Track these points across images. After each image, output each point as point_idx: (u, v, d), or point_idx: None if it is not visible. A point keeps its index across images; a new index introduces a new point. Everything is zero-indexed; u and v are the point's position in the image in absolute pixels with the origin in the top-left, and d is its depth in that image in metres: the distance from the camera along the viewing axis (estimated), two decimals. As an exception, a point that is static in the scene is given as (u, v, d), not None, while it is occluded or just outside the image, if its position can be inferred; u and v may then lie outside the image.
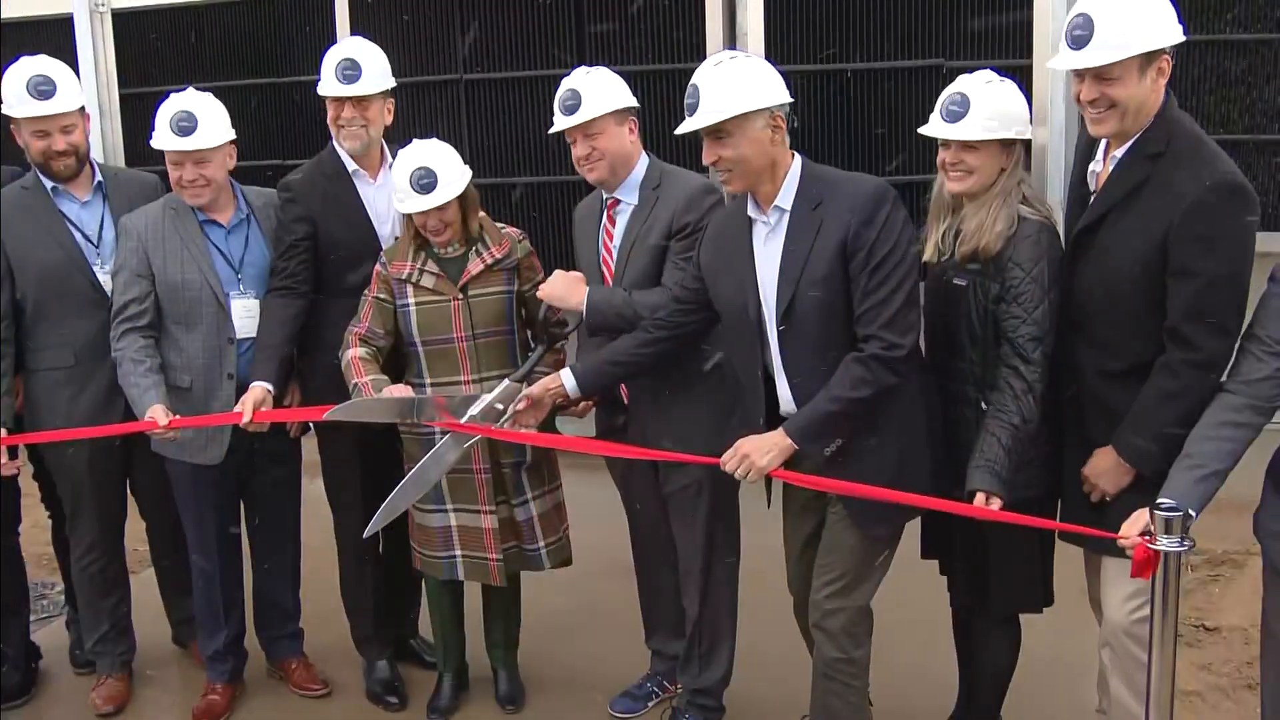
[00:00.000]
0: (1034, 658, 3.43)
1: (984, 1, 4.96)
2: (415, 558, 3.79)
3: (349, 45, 3.79)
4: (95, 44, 6.72)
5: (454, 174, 3.47)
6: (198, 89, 3.72)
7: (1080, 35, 2.69)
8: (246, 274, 3.72)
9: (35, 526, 4.49)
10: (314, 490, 4.08)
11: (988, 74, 3.04)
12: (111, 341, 3.64)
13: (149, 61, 6.63)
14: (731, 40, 5.47)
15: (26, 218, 3.75)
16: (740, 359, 3.17)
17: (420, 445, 3.58)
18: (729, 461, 3.00)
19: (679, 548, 3.64)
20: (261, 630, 4.14)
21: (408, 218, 3.55)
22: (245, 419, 3.48)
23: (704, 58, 5.34)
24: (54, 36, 6.53)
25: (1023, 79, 4.75)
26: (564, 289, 3.45)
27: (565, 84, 3.45)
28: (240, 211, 3.78)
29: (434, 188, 3.42)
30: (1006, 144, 2.99)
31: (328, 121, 3.78)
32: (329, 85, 3.71)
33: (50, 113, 3.68)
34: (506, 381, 3.44)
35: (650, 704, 3.90)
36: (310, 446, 4.02)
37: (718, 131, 2.89)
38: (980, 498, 2.86)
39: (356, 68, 3.69)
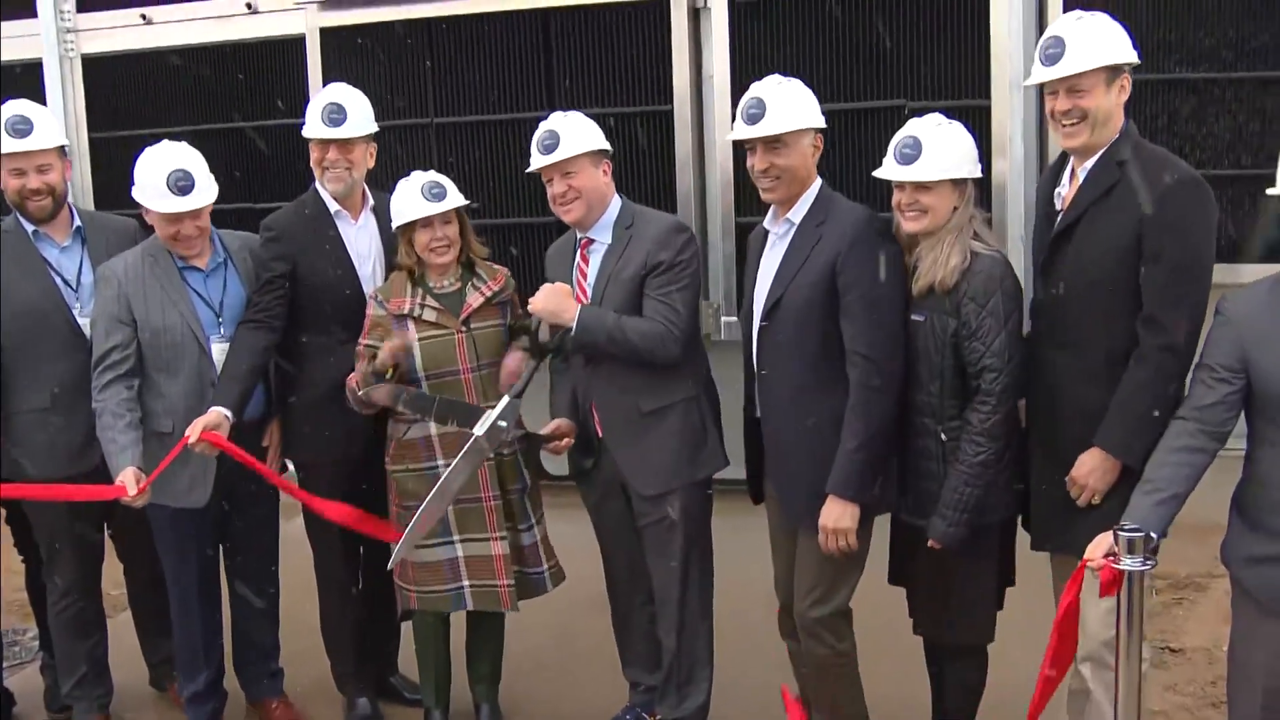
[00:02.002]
0: (1003, 678, 3.49)
1: (944, 44, 5.12)
2: (410, 598, 3.78)
3: (335, 90, 3.87)
4: (65, 88, 6.75)
5: (455, 188, 3.67)
6: (172, 138, 3.79)
7: (1054, 53, 2.96)
8: (227, 317, 3.76)
9: (8, 572, 4.47)
10: (291, 530, 4.10)
11: (937, 117, 3.20)
12: (94, 391, 3.66)
13: (118, 106, 6.67)
14: (698, 84, 5.59)
15: (7, 260, 3.77)
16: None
17: (425, 482, 3.63)
18: (829, 547, 3.25)
19: (655, 581, 3.70)
20: (241, 670, 4.13)
21: (405, 246, 3.65)
22: (192, 439, 3.49)
23: (671, 101, 5.55)
24: (24, 81, 6.55)
25: (982, 118, 4.96)
26: (556, 305, 3.49)
27: (544, 126, 3.57)
28: (217, 255, 3.82)
29: (444, 197, 3.61)
30: (958, 183, 3.15)
31: (311, 163, 3.85)
32: (314, 128, 3.79)
33: (25, 149, 3.73)
34: (507, 399, 3.50)
35: (630, 735, 3.94)
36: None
37: (777, 141, 3.23)
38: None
39: (342, 112, 3.78)
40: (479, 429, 3.45)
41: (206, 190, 3.68)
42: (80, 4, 6.73)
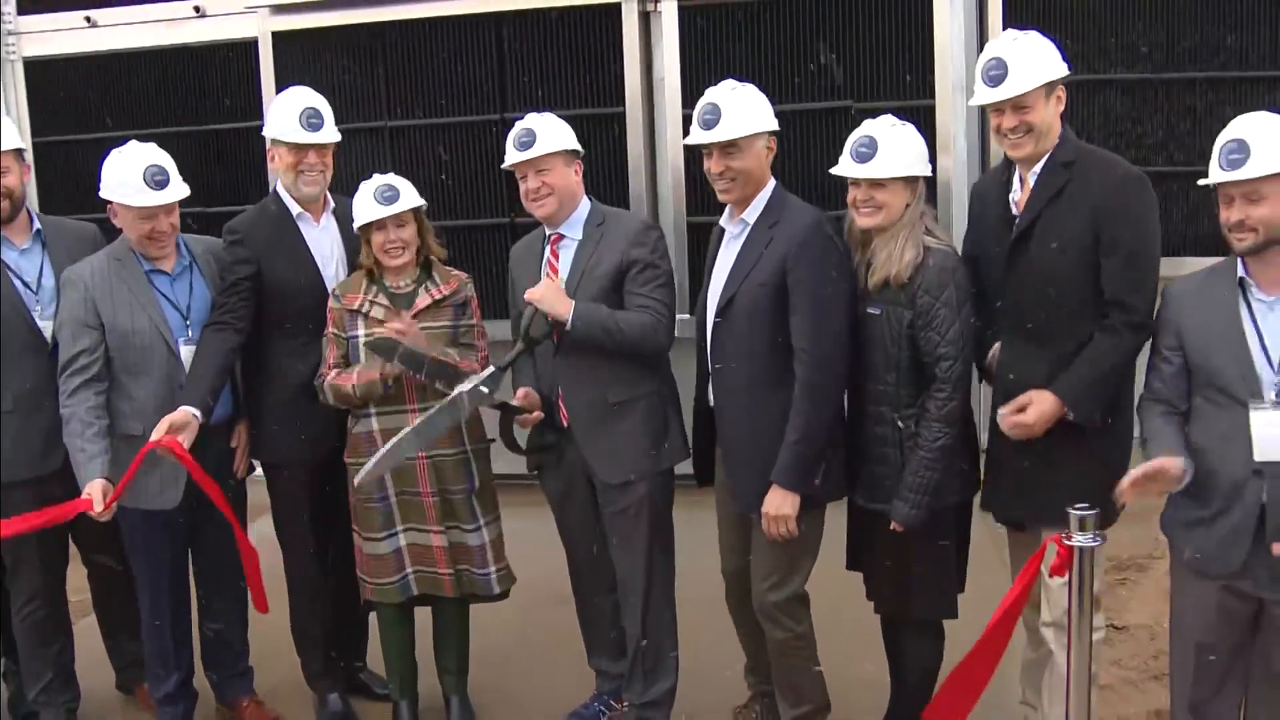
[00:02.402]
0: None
1: (889, 47, 5.27)
2: (366, 589, 3.86)
3: (307, 95, 3.90)
4: (6, 92, 6.67)
5: (412, 191, 3.72)
6: (119, 142, 3.79)
7: (996, 74, 3.15)
8: (194, 320, 3.77)
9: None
10: (259, 529, 4.11)
11: (890, 118, 3.36)
12: (61, 397, 3.66)
13: (61, 109, 6.60)
14: (649, 87, 5.68)
15: None
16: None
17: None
18: (772, 533, 3.38)
19: (619, 569, 3.78)
20: (211, 670, 4.13)
21: (365, 246, 3.72)
22: (155, 436, 3.50)
23: (623, 103, 5.63)
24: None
25: (927, 118, 5.12)
26: (554, 295, 3.55)
27: (520, 125, 3.67)
28: (183, 259, 3.84)
29: (396, 199, 3.66)
30: (910, 180, 3.30)
31: (281, 167, 3.86)
32: (292, 132, 3.81)
33: None
34: (492, 368, 3.57)
35: (598, 723, 4.01)
36: (256, 489, 4.08)
37: (732, 145, 3.34)
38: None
39: (320, 116, 3.84)
40: (464, 386, 3.51)
41: (180, 185, 3.72)
42: (21, 6, 6.65)
